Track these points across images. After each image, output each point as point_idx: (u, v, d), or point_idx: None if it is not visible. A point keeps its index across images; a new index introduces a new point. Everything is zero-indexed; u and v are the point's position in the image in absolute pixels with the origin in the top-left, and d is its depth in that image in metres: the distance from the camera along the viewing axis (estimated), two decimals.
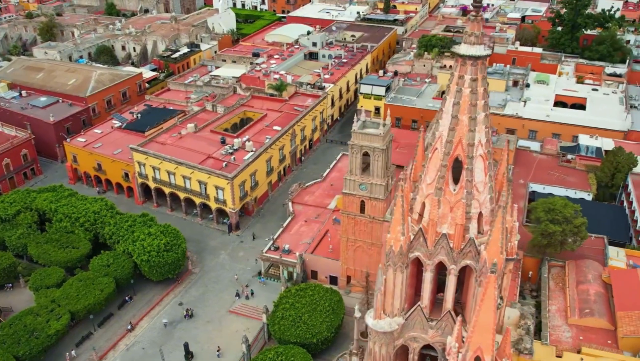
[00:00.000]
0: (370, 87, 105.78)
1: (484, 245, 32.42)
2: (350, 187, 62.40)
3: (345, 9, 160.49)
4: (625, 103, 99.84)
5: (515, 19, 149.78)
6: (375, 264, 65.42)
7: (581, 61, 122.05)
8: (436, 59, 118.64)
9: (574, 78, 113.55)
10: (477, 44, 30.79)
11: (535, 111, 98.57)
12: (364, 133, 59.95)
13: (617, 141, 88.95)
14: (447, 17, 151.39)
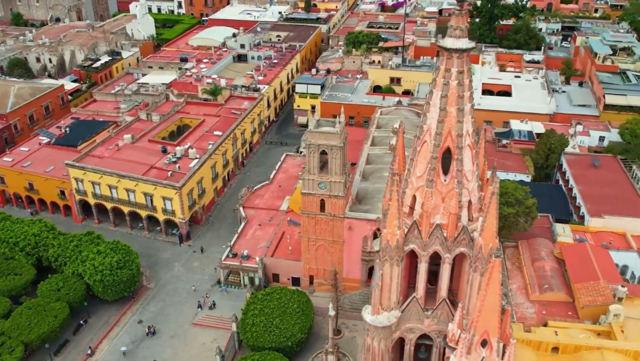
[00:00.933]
0: (306, 86, 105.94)
1: (476, 231, 33.34)
2: (309, 187, 62.25)
3: (267, 9, 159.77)
4: (547, 88, 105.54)
5: (432, 12, 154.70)
6: (338, 262, 65.90)
7: (500, 50, 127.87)
8: (365, 55, 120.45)
9: (497, 67, 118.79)
10: (462, 37, 31.52)
11: None
12: (320, 132, 59.90)
13: (546, 124, 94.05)
14: (368, 14, 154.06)
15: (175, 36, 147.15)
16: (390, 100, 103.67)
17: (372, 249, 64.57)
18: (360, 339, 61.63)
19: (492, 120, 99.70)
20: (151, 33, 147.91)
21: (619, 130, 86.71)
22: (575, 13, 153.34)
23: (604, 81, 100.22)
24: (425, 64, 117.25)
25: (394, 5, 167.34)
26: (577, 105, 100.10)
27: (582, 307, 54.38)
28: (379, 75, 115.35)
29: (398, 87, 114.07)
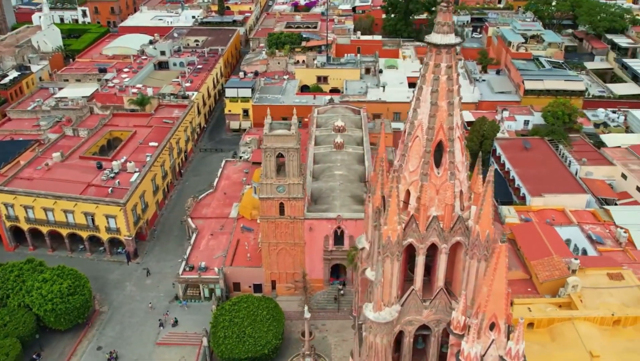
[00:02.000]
0: (236, 90, 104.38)
1: (471, 220, 34.35)
2: (268, 191, 61.57)
3: (179, 14, 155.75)
4: (469, 77, 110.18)
5: (347, 10, 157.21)
6: (300, 264, 65.65)
7: (418, 44, 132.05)
8: (289, 56, 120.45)
9: (418, 60, 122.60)
10: (449, 33, 32.19)
11: (395, 94, 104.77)
12: (275, 135, 59.38)
13: (474, 112, 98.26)
14: (285, 14, 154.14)
15: (85, 46, 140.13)
16: (322, 99, 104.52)
17: (334, 248, 65.00)
18: (332, 338, 62.13)
19: None
20: (58, 44, 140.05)
21: (542, 113, 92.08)
22: (481, 5, 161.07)
23: (521, 68, 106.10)
24: (350, 61, 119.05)
25: (307, 5, 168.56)
26: (498, 93, 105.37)
27: (542, 283, 57.36)
28: (306, 75, 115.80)
29: (325, 86, 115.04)
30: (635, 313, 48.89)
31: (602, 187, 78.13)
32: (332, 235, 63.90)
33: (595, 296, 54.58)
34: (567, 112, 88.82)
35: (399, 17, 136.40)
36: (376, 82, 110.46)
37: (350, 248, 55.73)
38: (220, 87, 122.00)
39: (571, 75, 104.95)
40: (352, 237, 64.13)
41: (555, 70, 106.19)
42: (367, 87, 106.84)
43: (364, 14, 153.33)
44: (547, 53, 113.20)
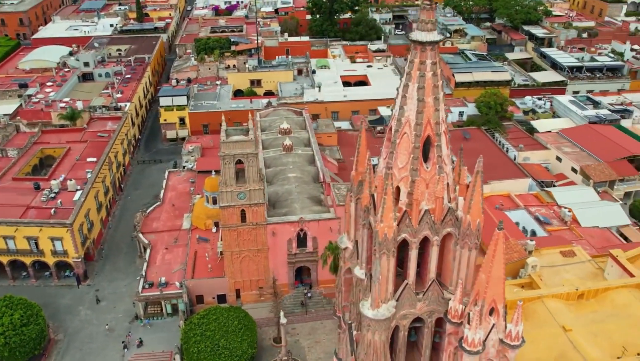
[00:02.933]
0: (170, 99, 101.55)
1: (459, 210, 35.32)
2: (228, 199, 60.44)
3: (96, 23, 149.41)
4: (400, 73, 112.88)
5: (270, 12, 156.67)
6: (264, 270, 64.94)
7: (345, 43, 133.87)
8: (219, 61, 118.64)
9: (347, 59, 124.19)
10: (433, 30, 32.85)
11: (331, 94, 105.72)
12: (234, 142, 58.36)
13: None
14: (207, 19, 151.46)
15: None
16: (258, 103, 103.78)
17: (298, 251, 64.73)
18: (304, 341, 61.90)
19: (359, 109, 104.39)
20: None
21: (475, 104, 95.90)
22: (400, 2, 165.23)
23: (450, 62, 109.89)
24: (282, 63, 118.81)
25: (228, 9, 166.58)
26: None
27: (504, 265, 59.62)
28: (239, 79, 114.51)
29: (259, 89, 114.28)
30: (595, 286, 51.93)
31: (539, 170, 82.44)
32: (295, 238, 63.63)
33: (553, 274, 57.51)
34: (498, 102, 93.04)
35: (324, 18, 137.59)
36: (310, 82, 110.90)
37: (324, 249, 55.72)
38: (150, 96, 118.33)
39: (497, 66, 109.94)
40: (316, 238, 64.27)
41: (481, 62, 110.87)
42: (303, 88, 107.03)
43: (287, 15, 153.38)
44: (471, 46, 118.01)
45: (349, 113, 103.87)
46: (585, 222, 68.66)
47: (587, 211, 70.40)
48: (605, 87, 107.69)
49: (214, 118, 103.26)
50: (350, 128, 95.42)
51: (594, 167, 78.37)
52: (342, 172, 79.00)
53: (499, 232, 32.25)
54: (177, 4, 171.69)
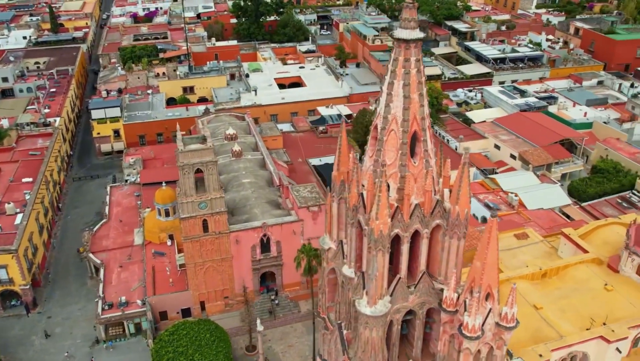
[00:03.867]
0: (103, 111, 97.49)
1: (447, 202, 36.28)
2: (189, 210, 58.85)
3: (7, 35, 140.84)
4: (333, 73, 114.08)
5: (193, 18, 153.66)
6: (228, 279, 63.82)
7: (274, 45, 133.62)
8: (148, 69, 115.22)
9: (279, 61, 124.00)
10: (415, 28, 33.50)
11: (268, 97, 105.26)
12: (193, 151, 56.91)
13: (350, 105, 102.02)
14: (128, 27, 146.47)
15: None
16: (195, 110, 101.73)
17: (262, 257, 64.01)
18: (277, 347, 61.40)
19: (298, 110, 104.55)
20: None
21: None
22: (322, 3, 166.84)
23: (382, 59, 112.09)
24: (213, 68, 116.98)
25: (147, 15, 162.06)
26: (364, 84, 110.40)
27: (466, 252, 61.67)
28: (171, 87, 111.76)
29: (192, 96, 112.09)
30: (556, 264, 54.76)
31: (480, 159, 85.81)
32: (258, 244, 62.92)
33: (510, 256, 60.06)
34: (434, 96, 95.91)
35: (251, 21, 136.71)
36: (245, 86, 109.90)
37: (298, 252, 55.26)
38: (77, 110, 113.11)
39: (426, 61, 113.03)
40: (279, 243, 63.83)
41: None
42: (239, 93, 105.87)
43: (210, 20, 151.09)
44: None
45: (288, 115, 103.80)
46: (531, 205, 72.21)
47: (531, 194, 74.08)
48: (527, 76, 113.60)
49: (150, 129, 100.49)
50: (292, 130, 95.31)
51: (531, 152, 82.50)
52: (292, 174, 78.91)
53: (493, 219, 33.42)
54: (93, 12, 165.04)
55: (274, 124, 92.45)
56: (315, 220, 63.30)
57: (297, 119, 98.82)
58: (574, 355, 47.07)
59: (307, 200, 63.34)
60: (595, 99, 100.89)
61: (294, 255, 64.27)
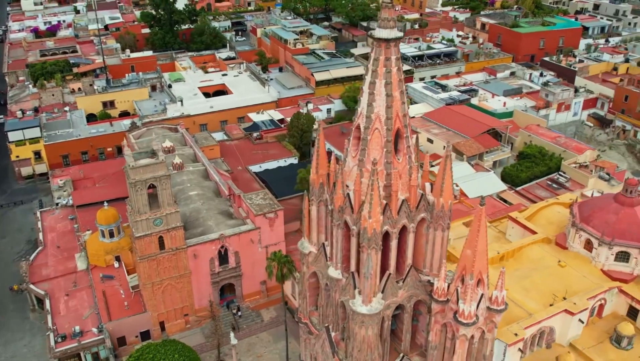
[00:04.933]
0: (21, 132, 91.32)
1: (429, 195, 37.23)
2: (144, 228, 56.45)
3: None
4: (258, 79, 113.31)
5: (101, 29, 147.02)
6: (187, 296, 61.94)
7: (192, 54, 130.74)
8: (62, 85, 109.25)
9: (200, 70, 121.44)
10: (394, 27, 34.11)
11: (196, 106, 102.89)
12: (145, 166, 54.66)
13: (281, 110, 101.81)
14: (32, 42, 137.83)
15: None
16: (120, 125, 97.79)
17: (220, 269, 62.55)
18: (247, 358, 60.30)
19: (227, 119, 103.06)
20: None
21: (342, 99, 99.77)
22: (233, 9, 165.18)
23: (305, 62, 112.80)
24: (133, 80, 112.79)
25: (50, 29, 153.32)
26: (291, 88, 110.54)
27: None
28: (90, 103, 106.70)
29: (113, 111, 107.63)
30: (512, 247, 57.55)
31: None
32: (216, 257, 61.46)
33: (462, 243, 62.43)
34: None
35: (165, 30, 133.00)
36: (170, 97, 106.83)
37: (268, 260, 54.17)
38: None
39: (350, 62, 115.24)
40: (238, 253, 62.67)
41: (334, 60, 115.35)
42: (165, 104, 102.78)
43: (119, 31, 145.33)
44: (320, 45, 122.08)
45: (217, 124, 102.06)
46: (471, 193, 75.42)
47: (469, 184, 77.39)
48: (445, 71, 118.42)
49: (74, 148, 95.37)
50: (226, 139, 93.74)
51: (463, 143, 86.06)
52: (234, 182, 77.51)
53: (481, 207, 34.64)
54: None
55: (208, 134, 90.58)
56: (272, 226, 62.73)
57: (230, 127, 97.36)
58: (542, 330, 49.68)
59: (262, 208, 62.61)
60: (511, 89, 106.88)
61: (252, 265, 63.83)
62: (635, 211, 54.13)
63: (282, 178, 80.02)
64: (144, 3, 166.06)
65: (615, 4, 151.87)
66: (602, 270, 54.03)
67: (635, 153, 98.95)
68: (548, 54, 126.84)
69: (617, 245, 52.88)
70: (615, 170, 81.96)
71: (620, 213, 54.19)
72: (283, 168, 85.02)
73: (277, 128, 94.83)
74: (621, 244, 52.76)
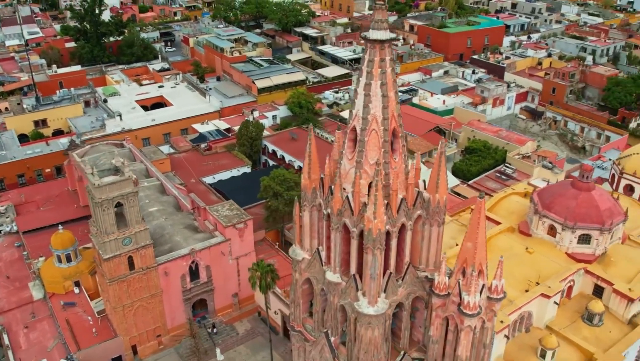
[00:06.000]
0: None
1: (425, 192, 37.88)
2: (112, 248, 53.94)
3: None
4: (197, 89, 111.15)
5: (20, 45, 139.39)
6: (160, 316, 59.82)
7: (122, 66, 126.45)
8: None
9: (134, 82, 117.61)
10: (387, 29, 34.46)
11: (136, 120, 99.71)
12: (111, 184, 52.27)
13: (226, 119, 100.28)
14: None
15: None
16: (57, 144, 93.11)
17: (192, 285, 60.76)
18: None
19: (170, 131, 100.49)
20: None
21: (287, 105, 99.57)
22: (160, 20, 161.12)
23: (245, 70, 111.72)
24: (65, 97, 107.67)
25: None
26: (232, 97, 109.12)
27: None
28: (20, 122, 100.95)
29: (46, 129, 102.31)
30: None
31: None
32: (188, 273, 59.65)
33: None
34: (308, 100, 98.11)
35: (93, 43, 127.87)
36: (107, 112, 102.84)
37: (251, 271, 52.76)
38: None
39: (289, 68, 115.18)
40: (209, 267, 61.10)
41: (273, 67, 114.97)
42: (103, 120, 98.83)
43: (40, 46, 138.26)
44: (257, 53, 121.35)
45: (160, 137, 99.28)
46: None
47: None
48: None
49: (9, 171, 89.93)
50: (173, 152, 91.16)
51: (412, 141, 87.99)
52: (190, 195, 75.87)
53: (481, 200, 35.60)
54: None
55: (156, 148, 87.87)
56: (241, 237, 61.65)
57: (176, 139, 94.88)
58: (522, 315, 51.62)
59: (230, 219, 61.39)
60: (448, 87, 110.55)
61: (224, 278, 62.53)
62: (592, 195, 57.38)
63: (238, 187, 78.92)
64: (63, 17, 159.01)
65: (531, 3, 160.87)
66: (566, 253, 56.79)
67: (567, 142, 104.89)
68: (475, 52, 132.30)
69: (580, 229, 55.77)
70: (556, 159, 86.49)
71: (579, 198, 57.22)
72: (237, 178, 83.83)
73: (225, 138, 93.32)
74: (583, 227, 55.69)
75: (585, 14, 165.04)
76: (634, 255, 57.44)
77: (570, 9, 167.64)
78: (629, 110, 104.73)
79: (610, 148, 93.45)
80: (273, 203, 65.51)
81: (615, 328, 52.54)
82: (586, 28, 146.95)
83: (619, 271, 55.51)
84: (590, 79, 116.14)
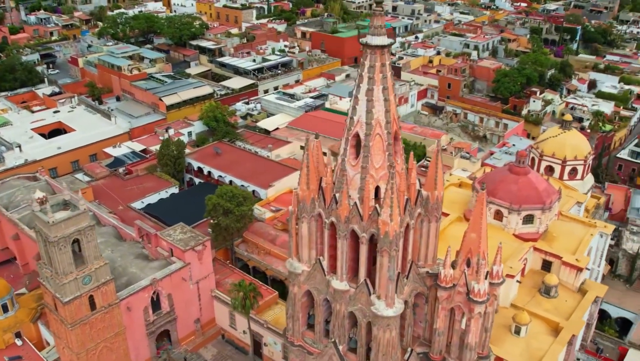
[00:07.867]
0: None
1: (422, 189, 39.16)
2: (72, 290, 49.61)
3: None
4: (99, 111, 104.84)
5: None
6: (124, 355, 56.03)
7: (5, 93, 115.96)
8: None
9: (24, 110, 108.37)
10: (385, 34, 35.18)
11: (39, 150, 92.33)
12: (67, 220, 48.17)
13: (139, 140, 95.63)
14: None
15: None
16: None
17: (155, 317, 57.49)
18: None
19: (79, 158, 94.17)
20: None
21: (202, 120, 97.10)
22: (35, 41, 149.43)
23: (148, 88, 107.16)
24: None
25: None
26: (139, 116, 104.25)
27: None
28: None
29: None
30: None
31: (293, 162, 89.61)
32: (149, 305, 56.37)
33: None
34: (223, 113, 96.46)
35: None
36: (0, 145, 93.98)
37: (233, 292, 50.46)
38: None
39: (194, 82, 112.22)
40: (170, 295, 58.17)
41: (177, 82, 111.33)
42: (1, 153, 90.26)
43: None
44: (157, 69, 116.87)
45: (68, 165, 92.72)
46: None
47: None
48: (285, 81, 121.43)
49: None
50: (90, 180, 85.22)
51: (336, 145, 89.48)
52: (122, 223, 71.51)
53: (482, 192, 37.49)
54: None
55: (73, 177, 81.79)
56: (201, 259, 59.36)
57: (90, 166, 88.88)
58: None
59: (187, 242, 58.89)
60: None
61: (186, 305, 60.07)
62: (529, 178, 62.20)
63: (171, 209, 75.81)
64: None
65: (410, 5, 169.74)
66: (514, 235, 60.95)
67: (469, 133, 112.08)
68: None
69: (524, 210, 60.17)
70: (471, 149, 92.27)
71: (519, 182, 61.73)
72: (166, 200, 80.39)
73: (144, 160, 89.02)
74: (527, 208, 60.14)
75: (457, 13, 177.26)
76: (571, 229, 63.04)
77: (443, 8, 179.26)
78: (519, 99, 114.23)
79: (512, 134, 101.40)
80: (224, 221, 63.68)
81: (570, 297, 57.29)
82: (462, 26, 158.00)
83: (562, 245, 60.59)
84: (479, 73, 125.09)
